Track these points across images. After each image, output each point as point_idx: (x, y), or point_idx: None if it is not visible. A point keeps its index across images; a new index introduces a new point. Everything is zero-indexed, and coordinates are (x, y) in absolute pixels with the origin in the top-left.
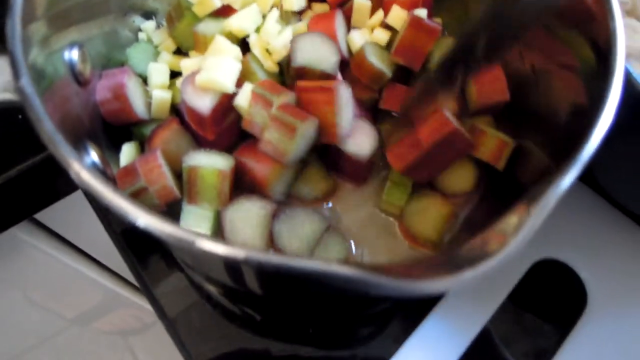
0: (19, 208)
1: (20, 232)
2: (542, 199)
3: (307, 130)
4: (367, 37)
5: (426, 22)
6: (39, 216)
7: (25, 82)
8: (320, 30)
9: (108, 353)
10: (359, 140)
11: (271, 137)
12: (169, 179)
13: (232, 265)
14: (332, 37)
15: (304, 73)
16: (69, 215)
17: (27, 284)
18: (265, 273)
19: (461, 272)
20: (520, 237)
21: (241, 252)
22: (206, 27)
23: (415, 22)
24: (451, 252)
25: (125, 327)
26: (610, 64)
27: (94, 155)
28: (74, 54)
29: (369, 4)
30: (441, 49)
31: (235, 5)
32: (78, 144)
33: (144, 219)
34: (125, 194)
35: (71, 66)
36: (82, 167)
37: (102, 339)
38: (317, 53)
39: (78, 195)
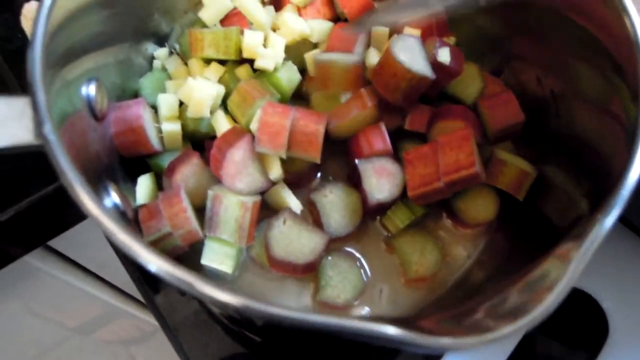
0: (31, 237)
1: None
2: (583, 244)
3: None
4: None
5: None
6: None
7: (49, 129)
8: (340, 46)
9: None
10: (383, 181)
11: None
12: (194, 223)
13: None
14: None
15: None
16: (73, 235)
17: (29, 297)
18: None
19: (502, 329)
20: (561, 288)
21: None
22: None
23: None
24: (489, 304)
25: (127, 336)
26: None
27: (114, 196)
28: (91, 89)
29: (387, 30)
30: None
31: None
32: (99, 185)
33: (156, 264)
34: (142, 240)
35: (89, 101)
36: (103, 214)
37: (104, 349)
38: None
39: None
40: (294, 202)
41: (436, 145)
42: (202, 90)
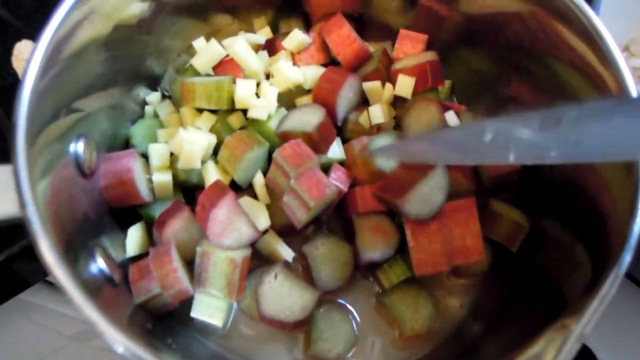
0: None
1: None
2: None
3: (321, 203)
4: (385, 111)
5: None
6: None
7: (31, 212)
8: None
9: None
10: (377, 240)
11: (289, 201)
12: (184, 283)
13: None
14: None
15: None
16: None
17: (28, 311)
18: None
19: None
20: None
21: None
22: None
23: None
24: None
25: None
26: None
27: (100, 262)
28: (79, 147)
29: (378, 83)
30: None
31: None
32: (84, 251)
33: (123, 347)
34: (114, 319)
35: (77, 159)
36: (79, 293)
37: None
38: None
39: None
40: (285, 251)
41: (440, 218)
42: (193, 142)
